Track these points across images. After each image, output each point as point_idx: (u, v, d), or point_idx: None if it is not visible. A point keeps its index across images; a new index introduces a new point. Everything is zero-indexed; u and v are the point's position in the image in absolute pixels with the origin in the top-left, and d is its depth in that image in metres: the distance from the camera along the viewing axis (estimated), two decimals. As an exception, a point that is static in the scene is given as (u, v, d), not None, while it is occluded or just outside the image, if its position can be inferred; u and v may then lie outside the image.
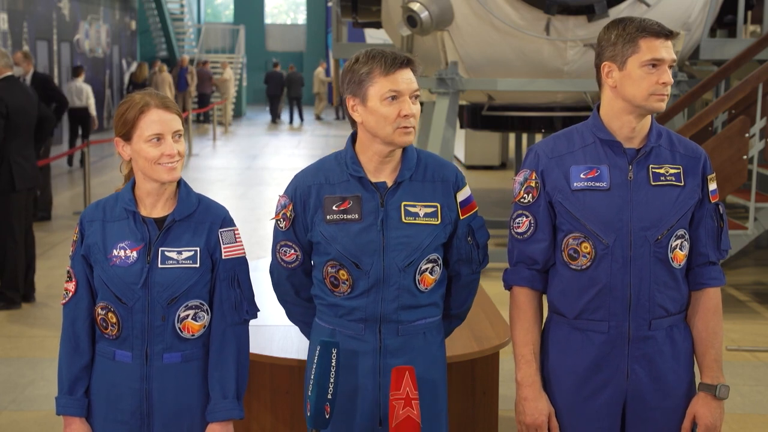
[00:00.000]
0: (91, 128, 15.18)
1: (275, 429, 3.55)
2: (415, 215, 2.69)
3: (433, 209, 2.70)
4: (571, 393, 2.72)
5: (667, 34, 2.62)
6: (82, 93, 15.39)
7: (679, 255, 2.68)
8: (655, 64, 2.60)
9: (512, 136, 13.56)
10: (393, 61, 2.63)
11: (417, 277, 2.70)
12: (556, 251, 2.72)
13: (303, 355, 3.43)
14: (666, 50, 2.61)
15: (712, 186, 2.74)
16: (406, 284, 2.69)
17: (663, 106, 2.64)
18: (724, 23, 9.50)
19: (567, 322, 2.73)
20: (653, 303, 2.66)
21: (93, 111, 15.31)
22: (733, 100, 7.05)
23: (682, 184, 2.67)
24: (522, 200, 2.73)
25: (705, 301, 2.73)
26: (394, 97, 2.62)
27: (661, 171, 2.67)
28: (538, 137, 11.60)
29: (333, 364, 2.45)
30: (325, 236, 2.70)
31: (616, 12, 7.89)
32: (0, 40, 15.52)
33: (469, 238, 2.77)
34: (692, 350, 2.76)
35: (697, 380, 2.75)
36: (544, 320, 2.82)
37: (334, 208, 2.70)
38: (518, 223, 2.74)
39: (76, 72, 15.95)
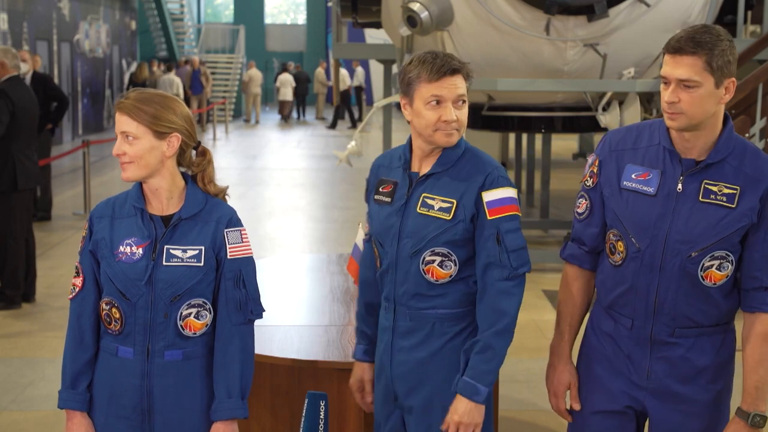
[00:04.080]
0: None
1: (275, 429, 3.55)
2: (430, 207, 2.78)
3: (449, 205, 2.76)
4: (598, 370, 2.80)
5: (678, 50, 2.52)
6: (173, 84, 20.19)
7: (716, 275, 2.63)
8: (666, 82, 2.56)
9: (512, 136, 13.55)
10: (440, 68, 2.71)
11: (422, 267, 2.77)
12: (604, 242, 2.80)
13: (303, 355, 3.44)
14: (672, 67, 2.54)
15: None
16: (413, 271, 2.79)
17: (675, 124, 2.58)
18: (724, 23, 9.49)
19: (603, 307, 2.82)
20: (678, 312, 2.66)
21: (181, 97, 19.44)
22: (734, 100, 7.05)
23: (734, 205, 2.59)
24: (586, 183, 2.81)
25: (756, 326, 2.66)
26: (437, 102, 2.72)
27: (714, 189, 2.60)
28: (538, 137, 11.61)
29: (321, 416, 2.49)
30: (370, 214, 2.95)
31: (616, 12, 7.88)
32: (0, 40, 15.53)
33: (498, 240, 2.74)
34: (729, 362, 2.74)
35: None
36: (591, 297, 2.90)
37: (380, 189, 2.90)
38: (579, 203, 2.83)
39: (169, 68, 21.00)
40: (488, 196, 2.74)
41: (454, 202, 2.75)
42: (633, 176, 2.68)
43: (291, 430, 3.54)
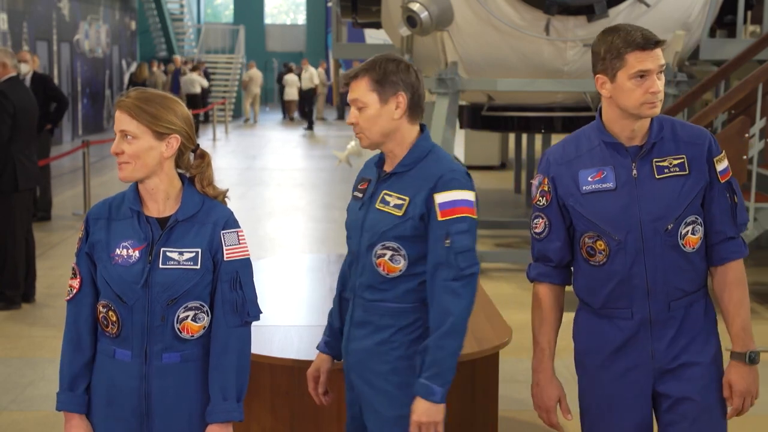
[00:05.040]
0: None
1: (275, 429, 3.55)
2: (387, 203, 2.87)
3: (402, 202, 2.85)
4: (599, 374, 2.89)
5: (652, 45, 2.71)
6: (195, 83, 23.13)
7: (692, 239, 2.80)
8: (643, 75, 2.72)
9: (512, 137, 13.55)
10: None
11: (374, 259, 2.87)
12: (576, 249, 2.89)
13: (302, 355, 3.44)
14: (651, 60, 2.71)
15: (721, 166, 2.83)
16: (369, 264, 2.89)
17: (656, 111, 2.76)
18: (723, 23, 9.49)
19: (593, 311, 2.90)
20: (670, 286, 2.80)
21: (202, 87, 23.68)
22: (733, 101, 7.05)
23: (687, 172, 2.78)
24: (538, 203, 2.93)
25: (728, 275, 2.85)
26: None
27: (665, 164, 2.79)
28: (538, 137, 11.61)
29: None
30: (347, 208, 3.07)
31: (616, 12, 7.88)
32: (0, 40, 15.52)
33: (447, 241, 2.78)
34: (715, 321, 2.89)
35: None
36: (563, 311, 2.99)
37: (358, 186, 3.02)
38: (536, 223, 2.94)
39: (194, 68, 23.91)
40: (440, 197, 2.80)
41: (407, 199, 2.84)
42: (589, 179, 2.82)
43: (291, 430, 3.54)
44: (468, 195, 2.82)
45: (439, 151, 2.91)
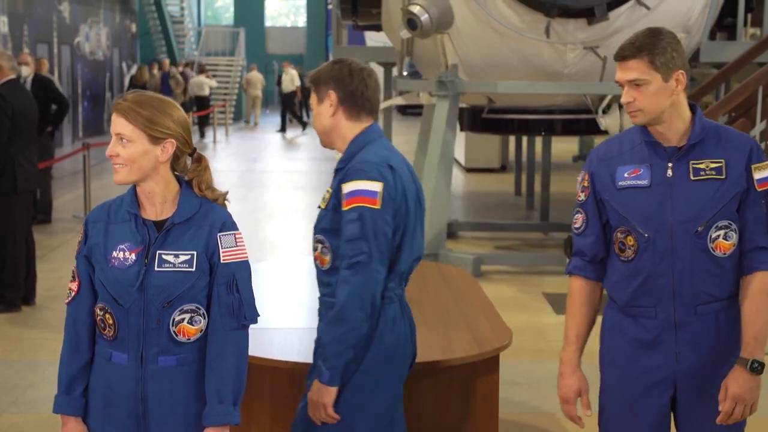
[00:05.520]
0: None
1: (275, 432, 3.55)
2: (323, 198, 3.05)
3: (328, 195, 3.00)
4: (622, 372, 2.92)
5: (619, 58, 2.79)
6: (203, 85, 23.69)
7: (723, 244, 2.82)
8: (622, 86, 2.81)
9: (512, 139, 13.56)
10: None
11: (313, 253, 3.06)
12: (609, 244, 2.94)
13: (303, 358, 3.43)
14: (621, 72, 2.78)
15: (760, 174, 2.84)
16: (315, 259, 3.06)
17: (636, 120, 2.83)
18: (724, 26, 9.51)
19: (619, 308, 2.93)
20: (697, 290, 2.82)
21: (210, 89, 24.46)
22: (734, 103, 7.05)
23: (723, 176, 2.80)
24: (579, 198, 2.99)
25: (753, 283, 2.84)
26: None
27: (701, 166, 2.81)
28: (538, 140, 11.61)
29: None
30: None
31: (616, 15, 7.89)
32: (0, 43, 15.53)
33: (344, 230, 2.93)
34: (739, 329, 2.88)
35: None
36: (597, 309, 3.03)
37: None
38: (575, 219, 3.00)
39: (201, 69, 24.76)
40: (345, 188, 2.92)
41: (330, 191, 3.00)
42: (625, 175, 2.87)
43: (291, 432, 3.53)
44: (369, 185, 2.87)
45: (375, 146, 2.98)
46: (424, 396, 3.53)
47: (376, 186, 2.87)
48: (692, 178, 2.80)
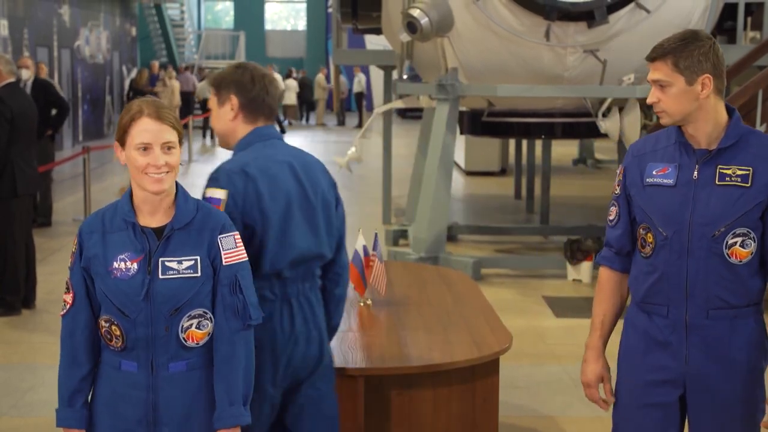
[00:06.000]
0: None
1: (275, 435, 3.55)
2: None
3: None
4: (633, 365, 2.96)
5: (649, 59, 2.82)
6: (204, 90, 23.53)
7: (740, 252, 2.82)
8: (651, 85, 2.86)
9: (512, 142, 13.56)
10: None
11: None
12: (635, 240, 2.98)
13: (303, 360, 3.43)
14: (650, 73, 2.83)
15: None
16: None
17: (663, 121, 2.87)
18: (724, 29, 9.52)
19: (636, 304, 2.98)
20: (710, 293, 2.83)
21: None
22: (734, 105, 7.04)
23: (749, 184, 2.80)
24: (615, 192, 3.04)
25: None
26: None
27: (728, 171, 2.82)
28: (538, 143, 11.62)
29: None
30: None
31: (616, 18, 7.89)
32: (0, 46, 15.54)
33: None
34: (762, 344, 2.89)
35: None
36: (624, 300, 3.09)
37: None
38: (610, 210, 3.06)
39: (201, 78, 24.71)
40: (204, 194, 3.00)
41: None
42: (654, 172, 2.90)
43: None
44: (215, 193, 2.94)
45: (250, 150, 3.07)
46: (424, 399, 3.52)
47: (221, 194, 2.94)
48: (717, 182, 2.81)
